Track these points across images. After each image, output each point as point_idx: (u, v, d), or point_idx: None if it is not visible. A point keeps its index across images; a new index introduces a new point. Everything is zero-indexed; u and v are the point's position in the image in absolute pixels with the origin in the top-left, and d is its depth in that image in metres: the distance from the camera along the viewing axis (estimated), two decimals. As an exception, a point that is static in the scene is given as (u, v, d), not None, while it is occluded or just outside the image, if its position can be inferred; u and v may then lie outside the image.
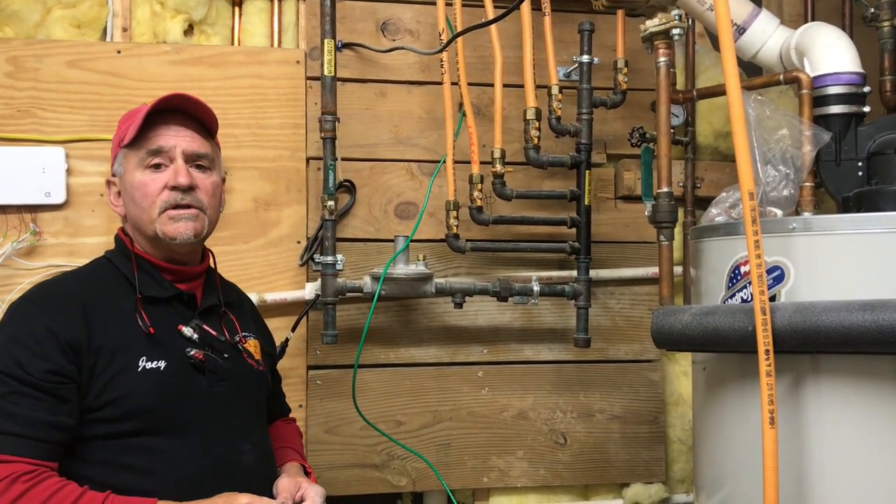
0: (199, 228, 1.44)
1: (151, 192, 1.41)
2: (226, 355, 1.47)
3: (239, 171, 2.02)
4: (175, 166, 1.42)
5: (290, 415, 1.81)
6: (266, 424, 1.60)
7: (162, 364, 1.37)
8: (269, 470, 1.51)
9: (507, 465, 2.14)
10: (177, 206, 1.42)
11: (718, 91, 1.87)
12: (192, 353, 1.41)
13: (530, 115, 1.96)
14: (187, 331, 1.42)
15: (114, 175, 1.48)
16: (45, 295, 1.39)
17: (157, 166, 1.42)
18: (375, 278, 1.93)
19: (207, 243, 1.54)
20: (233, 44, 2.10)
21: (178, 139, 1.44)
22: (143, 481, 1.31)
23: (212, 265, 1.57)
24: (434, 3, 2.04)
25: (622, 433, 2.19)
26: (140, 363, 1.35)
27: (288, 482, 1.47)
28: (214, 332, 1.47)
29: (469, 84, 2.04)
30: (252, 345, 1.55)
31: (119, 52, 1.98)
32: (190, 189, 1.43)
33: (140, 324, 1.38)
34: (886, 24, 1.88)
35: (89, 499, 1.26)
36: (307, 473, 1.57)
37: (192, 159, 1.45)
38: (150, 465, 1.33)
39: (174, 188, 1.41)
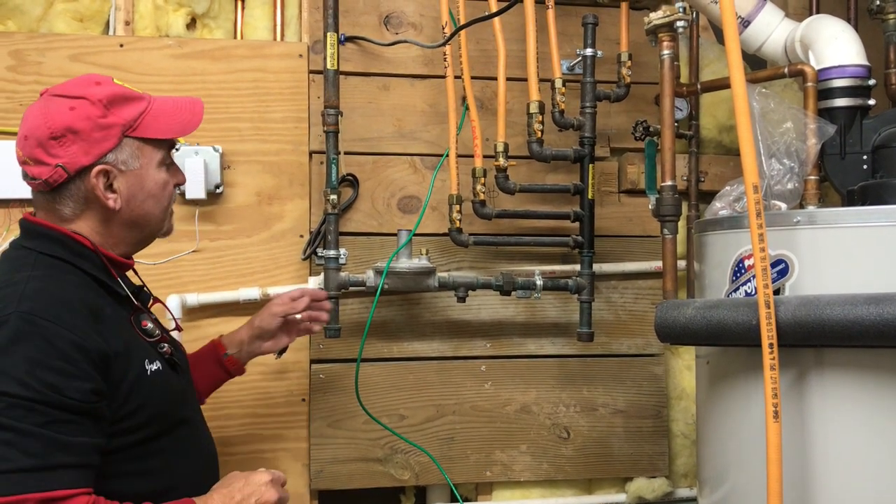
0: None
1: (170, 191, 1.40)
2: (173, 346, 1.42)
3: (242, 165, 2.02)
4: (176, 164, 1.43)
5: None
6: None
7: (157, 364, 1.32)
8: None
9: (510, 460, 2.14)
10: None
11: (723, 84, 1.86)
12: (164, 348, 1.36)
13: (533, 108, 1.95)
14: (151, 327, 1.36)
15: (112, 164, 1.29)
16: (52, 306, 1.19)
17: (170, 165, 1.41)
18: (378, 272, 1.93)
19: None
20: (235, 37, 2.10)
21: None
22: (158, 483, 1.27)
23: None
24: (437, -3, 2.04)
25: (625, 427, 2.19)
26: (146, 366, 1.29)
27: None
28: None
29: (472, 77, 2.03)
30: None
31: (122, 45, 1.98)
32: None
33: (137, 329, 1.33)
34: (892, 16, 1.86)
35: None
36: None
37: None
38: (166, 465, 1.30)
39: (177, 185, 1.42)
